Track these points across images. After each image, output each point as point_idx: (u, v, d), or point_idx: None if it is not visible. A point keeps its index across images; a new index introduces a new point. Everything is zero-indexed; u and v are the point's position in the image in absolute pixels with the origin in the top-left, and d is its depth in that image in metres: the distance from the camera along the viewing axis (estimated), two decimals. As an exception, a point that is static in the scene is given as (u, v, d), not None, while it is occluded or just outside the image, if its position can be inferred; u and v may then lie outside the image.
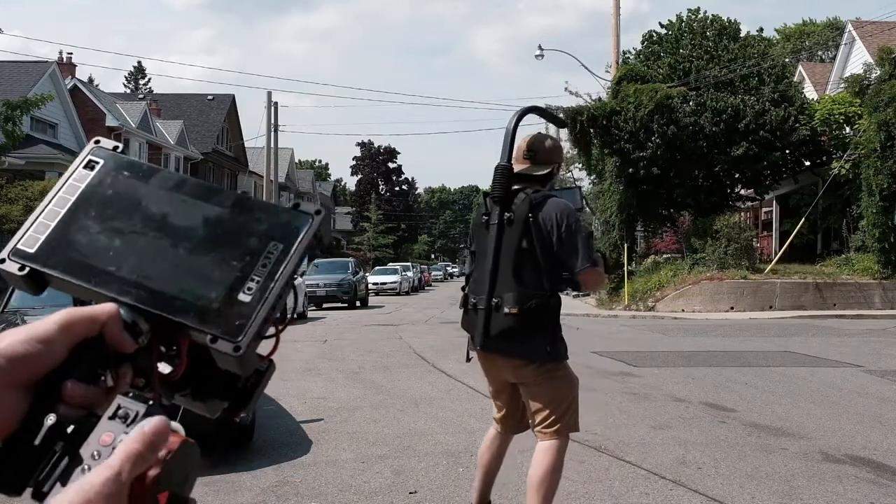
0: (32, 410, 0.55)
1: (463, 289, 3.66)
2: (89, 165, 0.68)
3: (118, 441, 0.54)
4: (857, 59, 27.85)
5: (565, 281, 3.48)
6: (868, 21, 29.75)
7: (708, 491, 4.71)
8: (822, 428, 6.46)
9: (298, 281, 21.62)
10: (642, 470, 5.18)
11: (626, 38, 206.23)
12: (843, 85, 25.72)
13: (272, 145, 35.48)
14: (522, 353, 3.41)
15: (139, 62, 64.01)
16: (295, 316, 0.67)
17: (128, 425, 0.55)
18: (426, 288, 47.62)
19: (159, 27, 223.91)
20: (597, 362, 10.68)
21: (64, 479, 0.53)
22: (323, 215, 0.65)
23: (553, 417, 3.48)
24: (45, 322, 0.57)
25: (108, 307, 0.59)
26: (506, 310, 3.34)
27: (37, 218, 0.65)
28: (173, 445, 0.55)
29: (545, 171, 3.56)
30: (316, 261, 32.18)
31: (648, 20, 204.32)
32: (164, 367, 0.62)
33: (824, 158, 24.08)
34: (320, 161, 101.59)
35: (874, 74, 21.81)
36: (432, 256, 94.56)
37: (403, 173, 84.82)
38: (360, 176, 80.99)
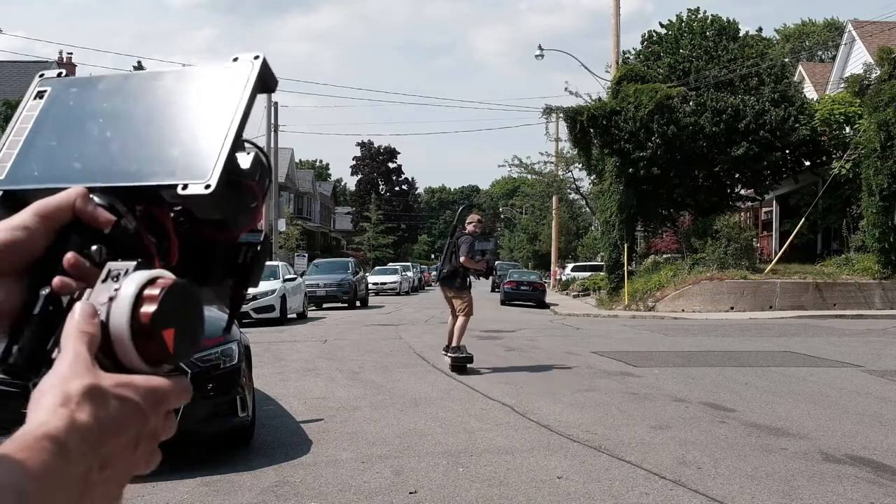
0: (30, 293, 0.58)
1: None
2: (39, 95, 0.72)
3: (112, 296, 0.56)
4: (857, 59, 27.85)
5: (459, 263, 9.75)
6: (868, 21, 29.75)
7: (708, 491, 4.71)
8: (822, 428, 6.46)
9: (298, 281, 21.34)
10: (642, 470, 5.18)
11: (627, 39, 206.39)
12: (843, 85, 25.71)
13: (272, 145, 35.45)
14: (450, 285, 9.76)
15: (139, 62, 63.85)
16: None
17: (118, 282, 0.57)
18: (426, 288, 47.62)
19: (161, 28, 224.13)
20: (597, 362, 10.68)
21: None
22: (262, 58, 0.69)
23: (463, 309, 9.56)
24: (20, 213, 0.60)
25: (75, 189, 0.61)
26: (444, 271, 9.87)
27: (0, 150, 0.69)
28: (166, 283, 0.56)
29: (471, 228, 9.87)
30: (316, 261, 32.15)
31: (650, 20, 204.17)
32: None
33: (824, 158, 24.08)
34: (320, 161, 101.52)
35: (874, 74, 21.80)
36: (432, 256, 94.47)
37: (403, 173, 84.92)
38: (360, 176, 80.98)
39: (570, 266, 43.13)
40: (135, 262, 0.58)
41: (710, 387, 8.50)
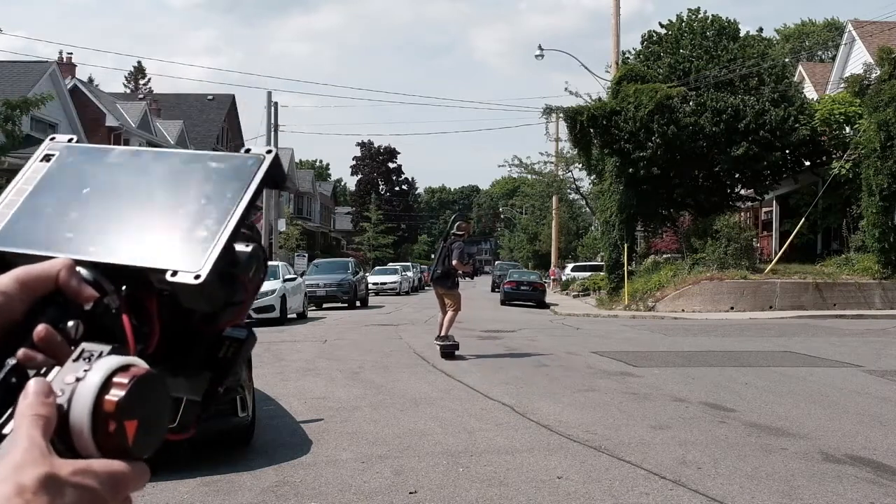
0: None
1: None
2: (46, 158, 0.71)
3: (79, 378, 0.54)
4: (857, 59, 27.84)
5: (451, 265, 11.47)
6: (868, 21, 29.74)
7: (708, 491, 4.71)
8: (822, 428, 6.46)
9: (298, 281, 21.35)
10: (642, 470, 5.18)
11: (627, 39, 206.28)
12: (843, 85, 25.69)
13: (272, 145, 35.52)
14: (442, 285, 11.42)
15: (139, 62, 63.87)
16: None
17: (89, 363, 0.55)
18: (426, 288, 47.55)
19: (162, 28, 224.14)
20: (597, 362, 10.68)
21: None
22: (274, 154, 0.69)
23: (453, 304, 11.27)
24: (1, 276, 0.58)
25: (60, 260, 0.60)
26: (438, 272, 11.43)
27: None
28: (138, 373, 0.54)
29: (461, 233, 11.61)
30: (316, 261, 32.14)
31: (650, 20, 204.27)
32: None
33: (824, 158, 24.07)
34: (320, 161, 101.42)
35: (874, 74, 21.80)
36: (432, 256, 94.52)
37: (403, 173, 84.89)
38: (360, 176, 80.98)
39: (570, 266, 43.13)
40: (110, 346, 0.57)
41: (710, 387, 8.50)
